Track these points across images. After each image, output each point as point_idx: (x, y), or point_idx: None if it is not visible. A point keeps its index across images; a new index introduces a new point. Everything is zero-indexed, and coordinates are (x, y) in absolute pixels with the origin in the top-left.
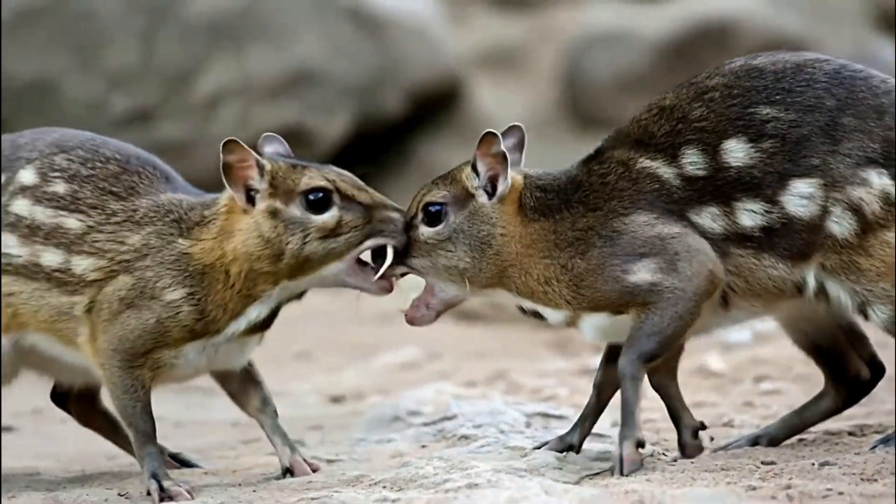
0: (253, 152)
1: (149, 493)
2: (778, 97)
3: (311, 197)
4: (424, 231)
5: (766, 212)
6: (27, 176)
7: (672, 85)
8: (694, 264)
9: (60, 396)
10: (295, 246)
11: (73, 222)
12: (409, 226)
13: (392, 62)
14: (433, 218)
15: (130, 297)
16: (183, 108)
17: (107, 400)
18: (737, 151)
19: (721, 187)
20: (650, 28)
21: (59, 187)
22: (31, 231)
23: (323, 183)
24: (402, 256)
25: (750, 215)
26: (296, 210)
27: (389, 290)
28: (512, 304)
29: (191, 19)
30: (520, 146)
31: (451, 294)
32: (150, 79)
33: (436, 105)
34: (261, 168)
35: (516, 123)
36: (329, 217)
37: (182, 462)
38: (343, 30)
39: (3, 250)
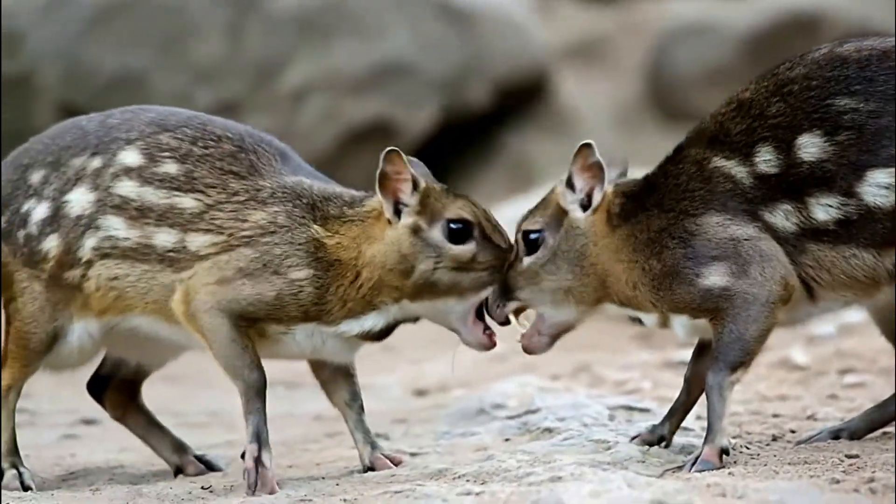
0: (411, 167)
1: (242, 456)
2: (859, 87)
3: (453, 226)
4: (526, 260)
5: (842, 205)
6: (131, 157)
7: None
8: (766, 269)
9: (97, 388)
10: (425, 268)
11: (188, 202)
12: (511, 264)
13: (478, 55)
14: (532, 245)
15: (250, 268)
16: (269, 102)
17: (147, 397)
18: (810, 146)
19: (793, 184)
20: (737, 20)
21: (171, 167)
22: (140, 213)
23: (469, 216)
24: (508, 294)
25: (825, 209)
26: (436, 234)
27: (491, 346)
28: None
29: (277, 12)
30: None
31: (559, 318)
32: (236, 72)
33: (522, 98)
34: (415, 184)
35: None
36: (465, 250)
37: (206, 464)
38: (430, 22)
39: (108, 233)
